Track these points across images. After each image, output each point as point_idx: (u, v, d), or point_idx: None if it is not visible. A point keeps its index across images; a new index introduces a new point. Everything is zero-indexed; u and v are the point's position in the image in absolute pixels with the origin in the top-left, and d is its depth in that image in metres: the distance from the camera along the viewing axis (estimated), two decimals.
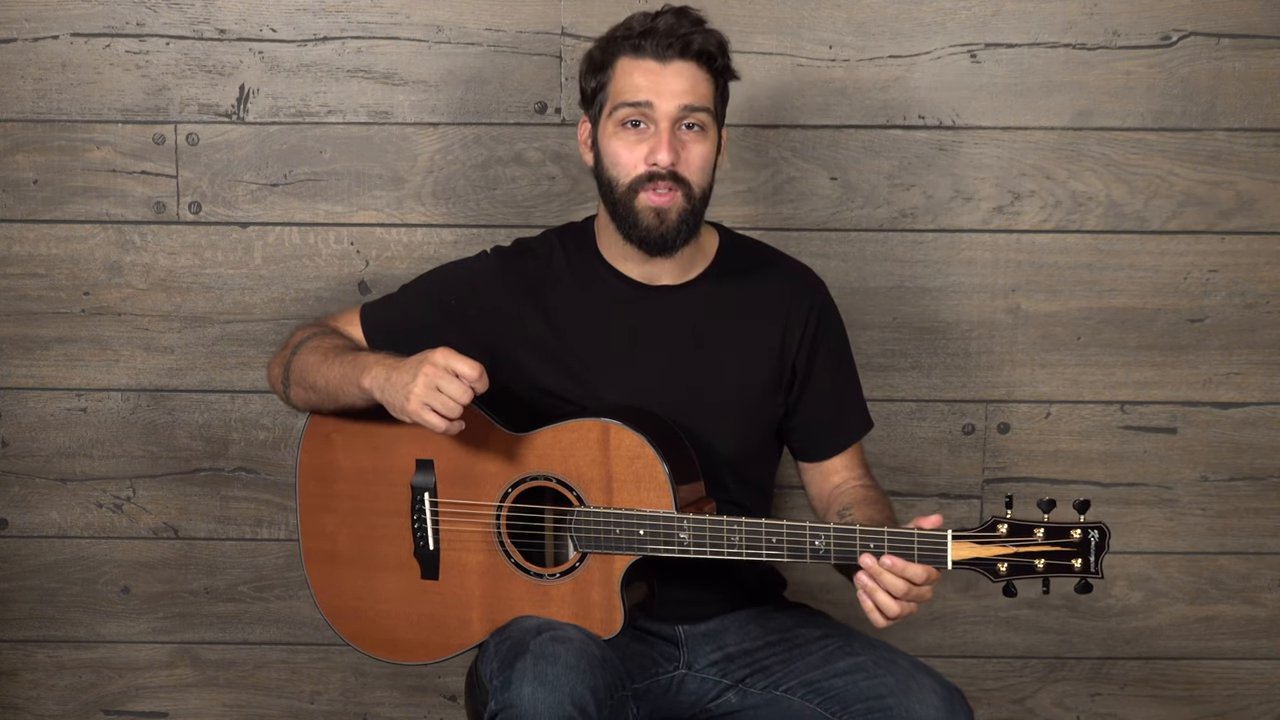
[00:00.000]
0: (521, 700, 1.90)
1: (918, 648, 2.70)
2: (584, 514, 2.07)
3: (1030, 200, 2.60)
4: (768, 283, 2.25)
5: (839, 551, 1.99)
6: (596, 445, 2.07)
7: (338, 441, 2.21)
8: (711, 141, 2.13)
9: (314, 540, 2.24)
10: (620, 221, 2.14)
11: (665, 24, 2.09)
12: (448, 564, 2.15)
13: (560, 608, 2.10)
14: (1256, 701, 2.76)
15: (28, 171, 2.61)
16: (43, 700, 2.78)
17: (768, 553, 2.02)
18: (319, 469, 2.23)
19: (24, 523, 2.72)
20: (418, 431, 2.08)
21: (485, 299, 2.24)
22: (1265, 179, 2.59)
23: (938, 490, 2.69)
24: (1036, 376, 2.66)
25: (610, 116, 2.12)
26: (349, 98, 2.59)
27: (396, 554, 2.18)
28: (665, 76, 2.08)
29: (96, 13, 2.57)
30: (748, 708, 2.17)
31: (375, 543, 2.19)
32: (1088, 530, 1.94)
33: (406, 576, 2.18)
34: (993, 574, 1.96)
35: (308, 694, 2.78)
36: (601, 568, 2.08)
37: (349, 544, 2.21)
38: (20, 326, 2.66)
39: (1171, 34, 2.55)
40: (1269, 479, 2.69)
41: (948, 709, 2.02)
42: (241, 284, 2.64)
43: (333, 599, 2.23)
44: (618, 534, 2.06)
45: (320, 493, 2.23)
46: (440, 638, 2.17)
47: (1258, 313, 2.64)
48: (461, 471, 2.14)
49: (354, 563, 2.21)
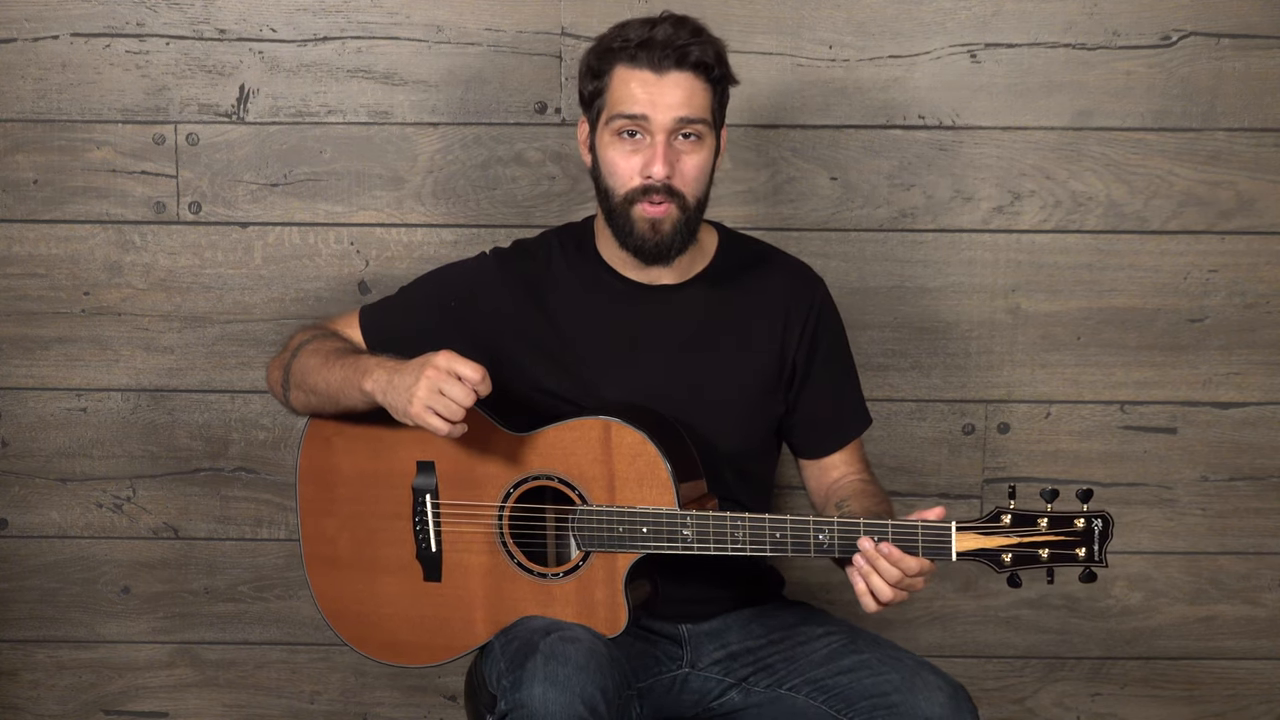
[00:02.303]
0: (533, 700, 1.90)
1: (918, 647, 2.69)
2: (586, 513, 2.07)
3: (1030, 200, 2.60)
4: (767, 280, 2.25)
5: (843, 545, 1.99)
6: (598, 443, 2.07)
7: (338, 445, 2.21)
8: (708, 149, 2.13)
9: (315, 544, 2.23)
10: (616, 230, 2.15)
11: (663, 35, 2.06)
12: (450, 566, 2.15)
13: (564, 607, 2.10)
14: (1256, 701, 2.76)
15: (28, 171, 2.61)
16: (43, 700, 2.78)
17: (772, 548, 2.02)
18: (319, 472, 2.22)
19: (24, 523, 2.72)
20: (418, 434, 2.07)
21: (484, 300, 2.23)
22: (1265, 179, 2.59)
23: (938, 490, 2.69)
24: (1036, 376, 2.66)
25: (607, 125, 2.11)
26: (349, 98, 2.59)
27: (398, 557, 2.18)
28: (662, 88, 2.07)
29: (96, 13, 2.57)
30: (751, 706, 2.17)
31: (376, 546, 2.19)
32: (1091, 519, 1.94)
33: (408, 579, 2.18)
34: (997, 565, 1.96)
35: (308, 694, 2.78)
36: (605, 566, 2.08)
37: (350, 547, 2.21)
38: (20, 326, 2.66)
39: (1171, 34, 2.56)
40: (1269, 479, 2.69)
41: (953, 706, 2.01)
42: (241, 284, 2.64)
43: (334, 602, 2.23)
44: (620, 532, 2.06)
45: (321, 496, 2.23)
46: (443, 640, 2.17)
47: (1258, 313, 2.64)
48: (463, 473, 2.13)
49: (355, 566, 2.21)
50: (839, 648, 2.14)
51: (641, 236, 2.12)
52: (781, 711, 2.14)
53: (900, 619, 2.72)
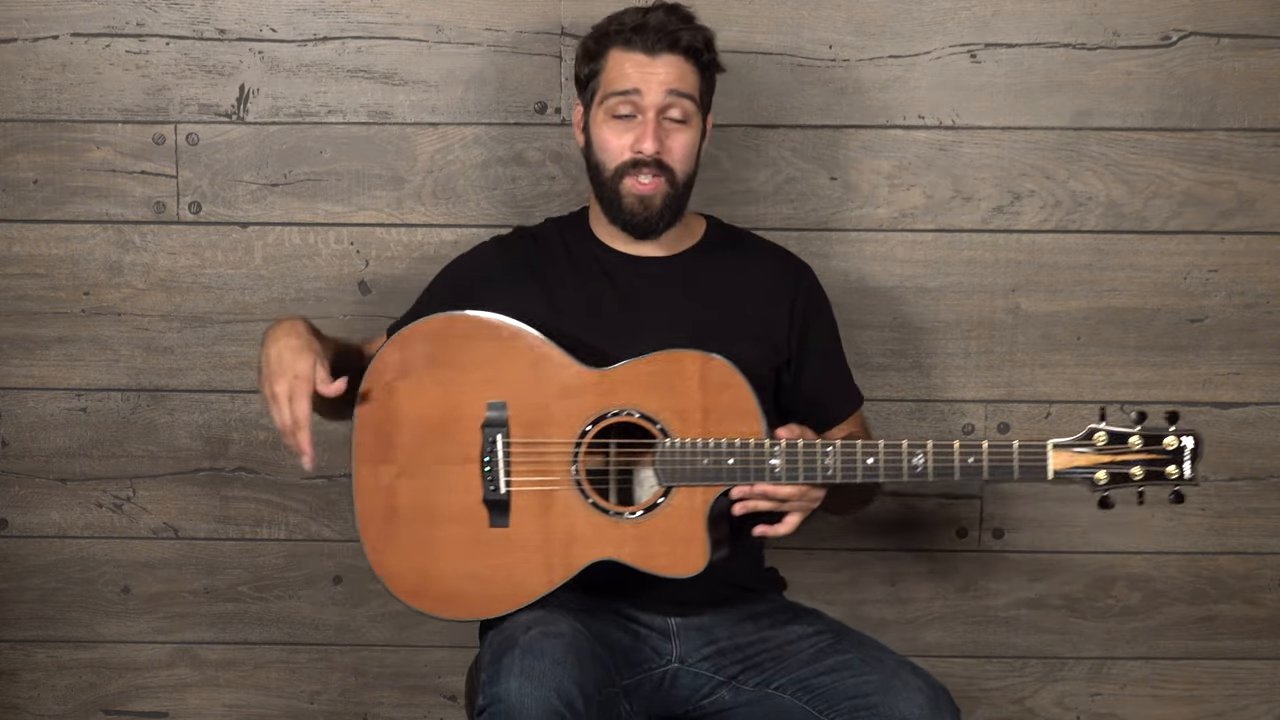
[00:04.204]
0: (509, 695, 1.91)
1: (918, 647, 2.70)
2: (670, 446, 2.06)
3: (1030, 200, 2.60)
4: (755, 259, 2.33)
5: (938, 468, 2.00)
6: (682, 376, 2.07)
7: (400, 390, 2.16)
8: (695, 130, 2.24)
9: (370, 496, 2.17)
10: (606, 205, 2.24)
11: (656, 20, 2.21)
12: (519, 509, 2.11)
13: (639, 547, 2.07)
14: (1256, 701, 2.76)
15: (28, 171, 2.61)
16: (43, 700, 2.78)
17: (863, 474, 2.01)
18: (378, 421, 2.16)
19: (24, 523, 2.72)
20: (489, 373, 2.08)
21: (487, 280, 2.29)
22: (1265, 179, 2.59)
23: (938, 490, 2.69)
24: (1036, 376, 2.66)
25: (601, 105, 2.23)
26: (349, 98, 2.59)
27: (462, 504, 2.13)
28: (654, 68, 2.20)
29: (96, 13, 2.57)
30: (740, 705, 2.17)
31: (439, 493, 2.14)
32: (1181, 436, 1.96)
33: (473, 526, 2.13)
34: (1092, 485, 1.98)
35: (308, 694, 2.77)
36: (686, 504, 2.06)
37: (409, 497, 2.15)
38: (20, 326, 2.66)
39: (1171, 34, 2.55)
40: (1269, 479, 2.69)
41: (932, 708, 2.02)
42: (241, 284, 2.64)
43: (388, 557, 2.16)
44: (705, 464, 2.05)
45: (379, 445, 2.17)
46: (507, 589, 2.12)
47: (1258, 313, 2.64)
48: (536, 411, 2.10)
49: (415, 517, 2.14)
50: (825, 647, 2.16)
51: (631, 211, 2.22)
52: (769, 711, 2.14)
53: (900, 619, 2.72)
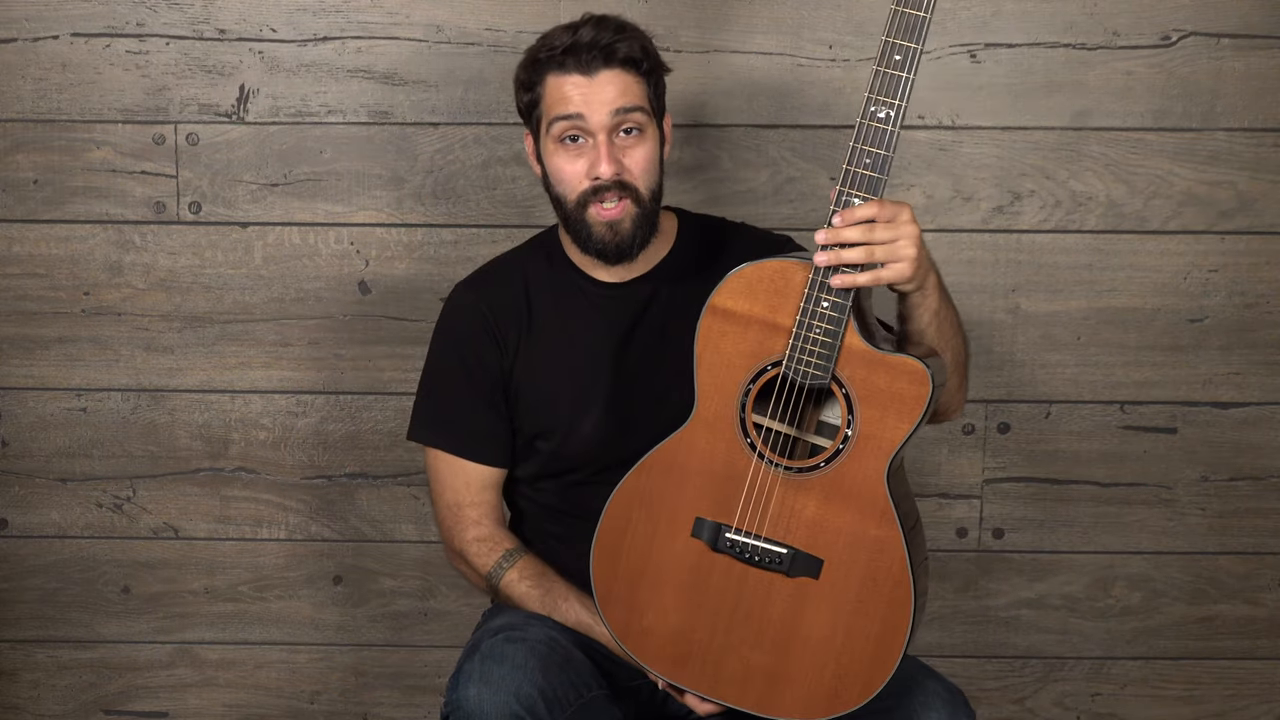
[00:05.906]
0: (467, 701, 1.91)
1: (917, 647, 2.69)
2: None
3: (1030, 200, 2.60)
4: (737, 251, 2.19)
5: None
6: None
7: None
8: (652, 140, 2.11)
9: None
10: (575, 235, 2.14)
11: (587, 36, 2.06)
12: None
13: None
14: (1256, 701, 2.76)
15: (28, 171, 2.61)
16: (43, 700, 2.78)
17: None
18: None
19: (24, 523, 2.72)
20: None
21: (488, 357, 2.20)
22: (1265, 179, 2.59)
23: (938, 490, 2.69)
24: (1036, 376, 2.66)
25: (548, 133, 2.11)
26: (349, 98, 2.59)
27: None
28: (594, 88, 2.06)
29: (96, 13, 2.57)
30: None
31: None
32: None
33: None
34: None
35: (308, 694, 2.78)
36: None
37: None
38: (20, 326, 2.66)
39: (1171, 34, 2.55)
40: (1269, 479, 2.69)
41: (949, 713, 2.01)
42: (241, 284, 2.65)
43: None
44: None
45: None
46: None
47: (1258, 313, 2.64)
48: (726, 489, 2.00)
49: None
50: None
51: (601, 240, 2.11)
52: None
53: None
